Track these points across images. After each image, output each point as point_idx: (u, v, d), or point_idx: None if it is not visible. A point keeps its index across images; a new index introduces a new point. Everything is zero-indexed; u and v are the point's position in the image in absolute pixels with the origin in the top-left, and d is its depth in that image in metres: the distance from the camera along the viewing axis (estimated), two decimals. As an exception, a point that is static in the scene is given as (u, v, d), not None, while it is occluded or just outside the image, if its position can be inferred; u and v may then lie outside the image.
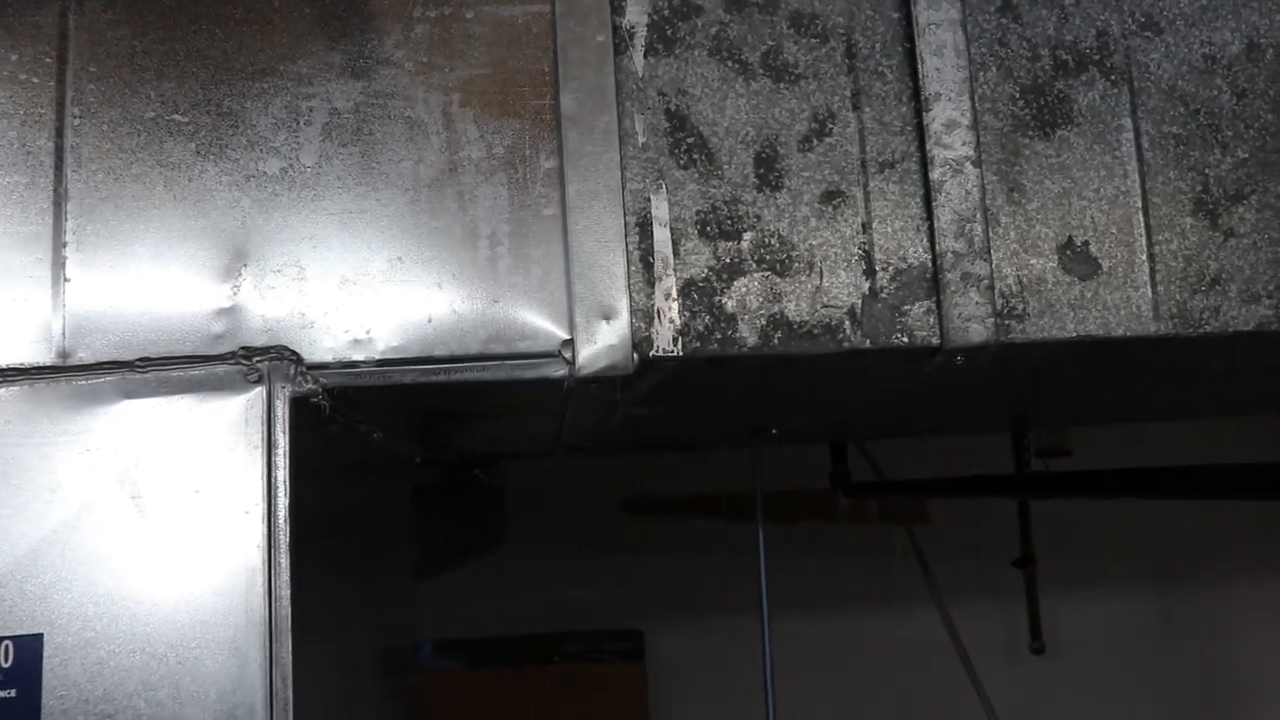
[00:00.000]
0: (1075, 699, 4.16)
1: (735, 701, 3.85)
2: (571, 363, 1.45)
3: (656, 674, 3.95)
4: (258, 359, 1.42)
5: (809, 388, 1.84)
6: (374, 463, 2.04)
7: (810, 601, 4.00)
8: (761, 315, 1.50)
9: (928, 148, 1.53)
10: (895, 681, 4.06)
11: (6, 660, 1.32)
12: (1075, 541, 4.10)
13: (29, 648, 1.33)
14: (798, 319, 1.50)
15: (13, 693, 1.31)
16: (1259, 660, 4.30)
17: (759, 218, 1.52)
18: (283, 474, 1.37)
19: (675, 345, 1.47)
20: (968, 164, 1.52)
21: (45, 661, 1.33)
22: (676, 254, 1.50)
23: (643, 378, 1.51)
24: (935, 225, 1.52)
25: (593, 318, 1.46)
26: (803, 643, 3.95)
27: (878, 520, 4.17)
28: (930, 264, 1.52)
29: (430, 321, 1.46)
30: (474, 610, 3.87)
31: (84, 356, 1.43)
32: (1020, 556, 4.11)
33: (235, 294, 1.45)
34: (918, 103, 1.54)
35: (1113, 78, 1.59)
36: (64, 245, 1.46)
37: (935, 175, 1.52)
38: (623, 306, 1.46)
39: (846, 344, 1.50)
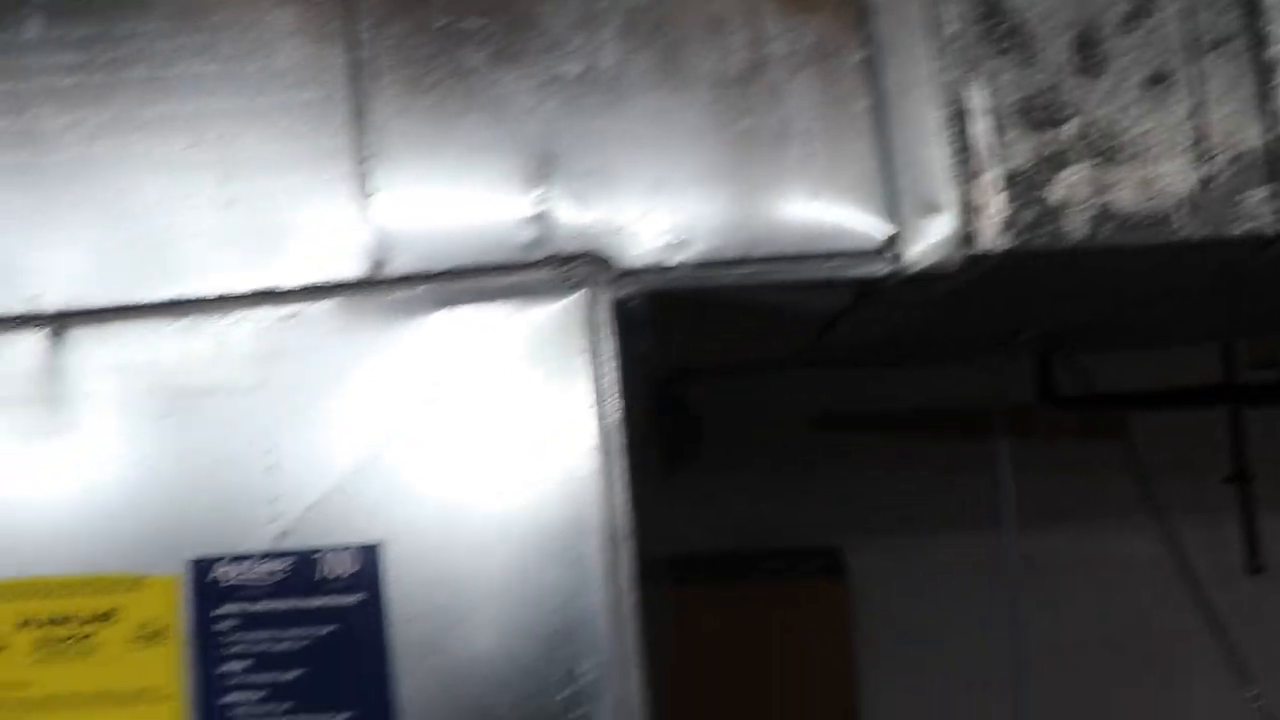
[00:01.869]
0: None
1: (936, 619, 3.82)
2: (897, 260, 1.40)
3: (857, 591, 3.92)
4: (572, 265, 1.40)
5: (1118, 283, 1.75)
6: (647, 374, 2.02)
7: (1015, 519, 3.91)
8: (1088, 207, 1.42)
9: (1260, 24, 1.43)
10: (1107, 601, 3.95)
11: (354, 565, 1.33)
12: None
13: (371, 555, 1.34)
14: (1126, 210, 1.42)
15: (364, 595, 1.32)
16: None
17: (1080, 105, 1.44)
18: (610, 380, 1.35)
19: (1003, 239, 1.41)
20: (1306, 40, 1.41)
21: (388, 569, 1.34)
22: (998, 145, 1.42)
23: (963, 274, 1.45)
24: (1271, 107, 1.42)
25: (916, 214, 1.40)
26: (1007, 561, 3.87)
27: (1081, 435, 4.04)
28: (1266, 148, 1.43)
29: (746, 223, 1.41)
30: (674, 528, 3.87)
31: (393, 270, 1.43)
32: (1233, 472, 3.96)
33: (542, 201, 1.43)
34: (1250, -25, 1.44)
35: None
36: (365, 159, 1.45)
37: (1270, 54, 1.42)
38: (946, 201, 1.40)
39: (1179, 235, 1.42)
